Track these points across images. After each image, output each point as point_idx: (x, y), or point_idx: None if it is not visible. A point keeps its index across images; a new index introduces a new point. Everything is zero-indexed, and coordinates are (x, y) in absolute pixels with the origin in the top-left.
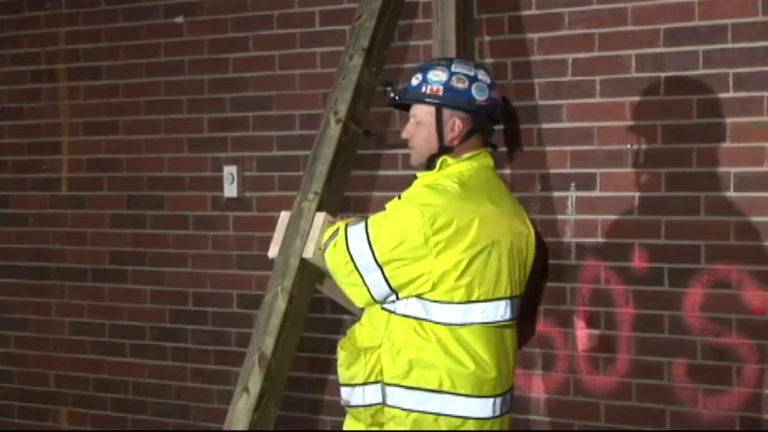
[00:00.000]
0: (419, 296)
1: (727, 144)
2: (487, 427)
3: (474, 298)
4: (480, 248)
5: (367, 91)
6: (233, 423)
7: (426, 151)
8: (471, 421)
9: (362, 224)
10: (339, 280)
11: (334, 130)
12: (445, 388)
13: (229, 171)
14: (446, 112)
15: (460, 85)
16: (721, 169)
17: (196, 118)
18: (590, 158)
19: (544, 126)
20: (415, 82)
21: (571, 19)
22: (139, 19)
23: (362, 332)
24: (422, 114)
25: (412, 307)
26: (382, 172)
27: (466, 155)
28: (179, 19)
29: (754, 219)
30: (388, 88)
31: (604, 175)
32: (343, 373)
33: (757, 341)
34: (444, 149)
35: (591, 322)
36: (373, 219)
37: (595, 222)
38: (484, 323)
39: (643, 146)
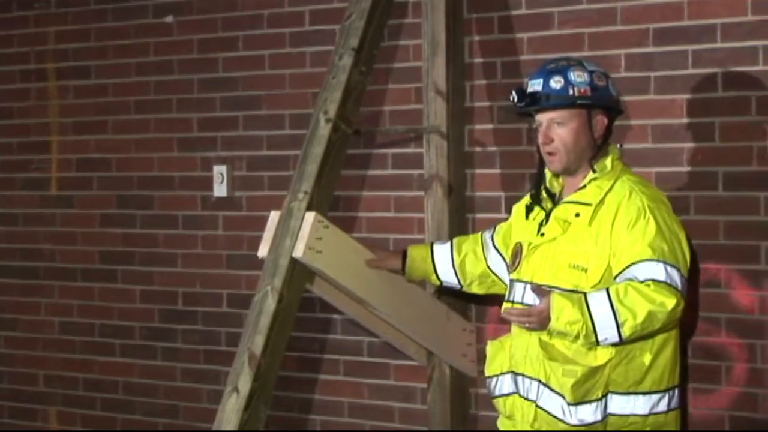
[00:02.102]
0: None
1: (716, 143)
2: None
3: None
4: None
5: (357, 91)
6: (223, 423)
7: (576, 154)
8: (679, 410)
9: (661, 265)
10: (664, 322)
11: (324, 130)
12: (674, 383)
13: (219, 170)
14: (593, 112)
15: (601, 83)
16: (710, 169)
17: (185, 118)
18: None
19: (535, 125)
20: (556, 85)
21: (561, 18)
22: (129, 18)
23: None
24: (566, 117)
25: None
26: (371, 172)
27: (613, 153)
28: (169, 19)
29: (743, 218)
30: (519, 96)
31: None
32: (576, 391)
33: (746, 340)
34: (597, 149)
35: None
36: (660, 251)
37: None
38: None
39: (633, 146)
